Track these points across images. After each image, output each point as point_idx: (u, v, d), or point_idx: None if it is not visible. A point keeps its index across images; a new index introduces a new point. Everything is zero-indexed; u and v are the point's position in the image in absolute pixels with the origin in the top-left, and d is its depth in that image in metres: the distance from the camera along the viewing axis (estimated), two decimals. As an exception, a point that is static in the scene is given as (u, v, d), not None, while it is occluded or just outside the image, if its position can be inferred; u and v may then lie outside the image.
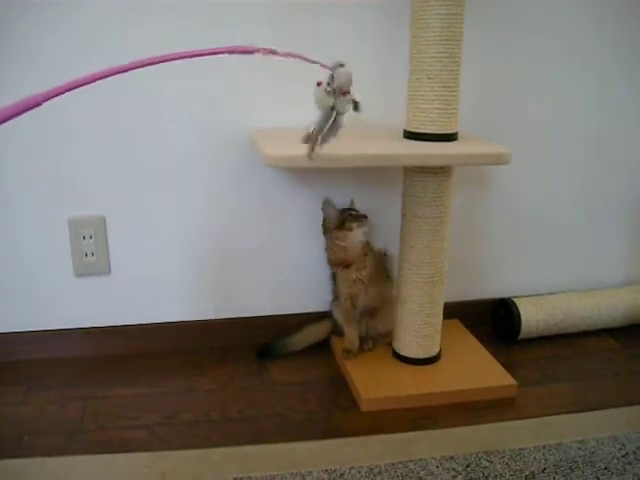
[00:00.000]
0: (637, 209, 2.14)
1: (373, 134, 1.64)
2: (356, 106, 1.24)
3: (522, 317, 1.93)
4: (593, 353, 1.93)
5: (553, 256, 2.12)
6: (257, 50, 1.00)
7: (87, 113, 1.65)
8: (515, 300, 1.97)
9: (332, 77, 1.20)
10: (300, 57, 1.12)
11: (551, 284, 2.12)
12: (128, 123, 1.68)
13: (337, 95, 1.21)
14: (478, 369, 1.75)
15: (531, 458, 1.40)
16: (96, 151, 1.69)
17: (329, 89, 1.21)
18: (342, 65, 1.20)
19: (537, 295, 2.05)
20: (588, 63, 1.92)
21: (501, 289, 2.08)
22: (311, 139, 1.28)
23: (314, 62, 1.15)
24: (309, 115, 1.26)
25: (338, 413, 1.59)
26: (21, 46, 1.57)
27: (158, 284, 1.84)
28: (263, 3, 1.65)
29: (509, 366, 1.75)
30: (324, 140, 1.27)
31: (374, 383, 1.65)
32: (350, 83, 1.22)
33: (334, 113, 1.23)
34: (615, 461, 1.39)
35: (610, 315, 2.03)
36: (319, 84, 1.22)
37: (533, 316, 1.94)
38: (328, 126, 1.25)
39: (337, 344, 1.84)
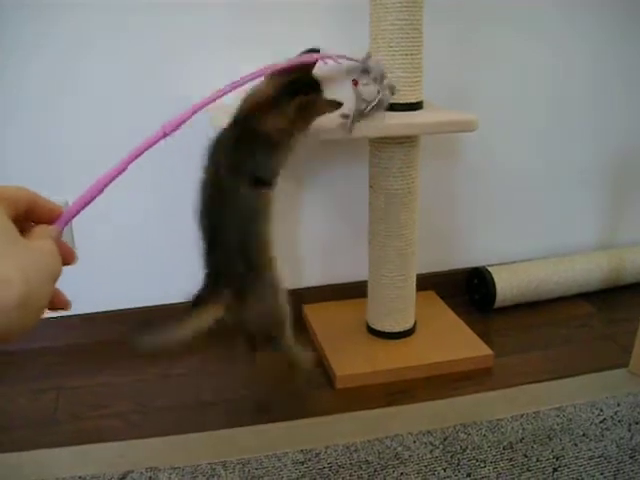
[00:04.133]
0: (605, 172, 2.13)
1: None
2: (393, 91, 1.35)
3: (497, 285, 1.91)
4: (569, 319, 1.92)
5: (526, 223, 2.11)
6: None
7: (45, 99, 1.62)
8: (489, 268, 1.96)
9: (366, 70, 1.30)
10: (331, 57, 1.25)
11: (525, 251, 2.11)
12: (87, 108, 1.64)
13: (379, 83, 1.30)
14: (454, 340, 1.73)
15: (509, 428, 1.39)
16: (55, 134, 1.65)
17: (367, 82, 1.30)
18: (370, 56, 1.32)
19: (511, 263, 2.03)
20: (551, 31, 1.90)
21: (475, 258, 2.06)
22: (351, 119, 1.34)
23: (344, 58, 1.26)
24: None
25: (313, 392, 1.57)
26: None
27: (126, 270, 1.81)
28: (224, 4, 1.63)
29: (485, 336, 1.74)
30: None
31: (348, 360, 1.63)
32: (384, 69, 1.33)
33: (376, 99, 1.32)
34: (593, 427, 1.39)
35: (585, 279, 2.02)
36: (356, 83, 1.31)
37: (508, 284, 1.93)
38: (369, 109, 1.33)
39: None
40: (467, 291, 2.05)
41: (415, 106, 1.50)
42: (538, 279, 1.96)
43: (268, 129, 1.28)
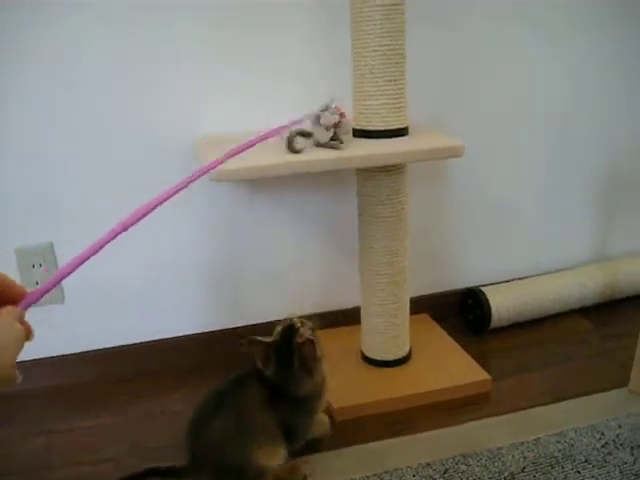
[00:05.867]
0: (596, 186, 2.12)
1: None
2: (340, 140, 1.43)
3: (491, 306, 1.89)
4: (566, 336, 1.91)
5: (518, 240, 2.09)
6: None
7: (23, 136, 1.60)
8: (483, 289, 1.93)
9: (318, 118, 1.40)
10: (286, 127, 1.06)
11: (519, 269, 2.09)
12: (65, 142, 1.62)
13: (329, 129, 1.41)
14: (451, 366, 1.71)
15: (509, 457, 1.36)
16: (35, 175, 1.63)
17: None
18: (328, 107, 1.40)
19: (506, 282, 2.01)
20: (534, 49, 1.90)
21: (468, 279, 2.04)
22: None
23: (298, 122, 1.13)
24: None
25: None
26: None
27: (113, 307, 1.78)
28: (203, 6, 1.61)
29: (482, 358, 1.72)
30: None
31: (346, 390, 1.60)
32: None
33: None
34: (595, 452, 1.36)
35: (582, 294, 2.00)
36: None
37: (502, 303, 1.90)
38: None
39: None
40: (461, 312, 2.02)
41: (401, 132, 1.48)
42: (533, 297, 1.94)
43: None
